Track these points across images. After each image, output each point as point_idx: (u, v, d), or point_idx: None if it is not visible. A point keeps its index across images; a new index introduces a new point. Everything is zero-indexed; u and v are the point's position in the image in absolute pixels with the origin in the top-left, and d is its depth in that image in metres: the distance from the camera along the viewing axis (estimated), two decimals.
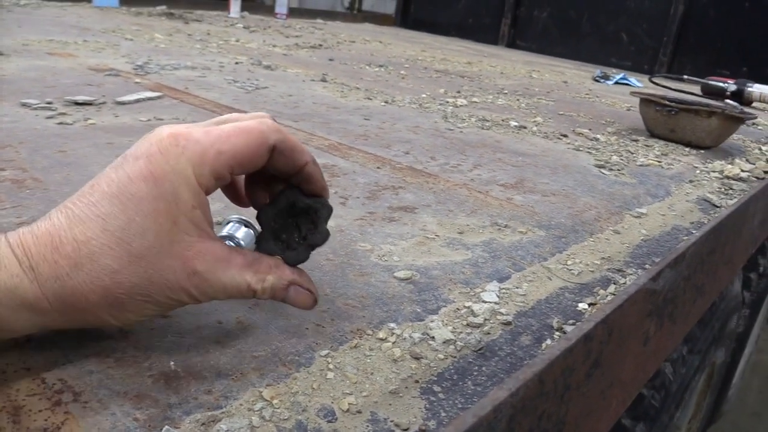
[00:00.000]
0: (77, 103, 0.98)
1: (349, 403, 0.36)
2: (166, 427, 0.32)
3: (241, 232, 0.49)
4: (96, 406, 0.33)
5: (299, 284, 0.40)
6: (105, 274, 0.33)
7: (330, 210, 0.43)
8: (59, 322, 0.35)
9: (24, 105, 0.92)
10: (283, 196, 0.41)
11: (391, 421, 0.35)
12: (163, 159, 0.34)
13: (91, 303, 0.34)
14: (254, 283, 0.37)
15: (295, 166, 0.39)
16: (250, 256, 0.38)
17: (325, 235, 0.42)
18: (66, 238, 0.34)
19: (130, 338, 0.39)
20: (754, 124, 1.74)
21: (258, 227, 0.45)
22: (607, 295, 0.54)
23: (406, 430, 0.35)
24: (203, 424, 0.33)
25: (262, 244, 0.41)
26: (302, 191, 0.41)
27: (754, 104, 2.19)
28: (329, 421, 0.34)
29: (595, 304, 0.52)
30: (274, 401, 0.35)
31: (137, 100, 1.04)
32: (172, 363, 0.37)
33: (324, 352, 0.40)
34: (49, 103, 0.95)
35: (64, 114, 0.91)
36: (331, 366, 0.39)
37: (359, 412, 0.35)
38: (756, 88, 2.16)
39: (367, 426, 0.34)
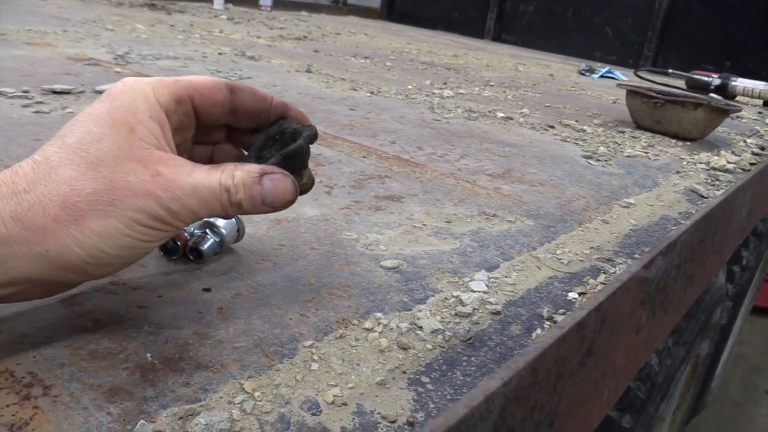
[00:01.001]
0: (55, 92, 0.95)
1: (334, 395, 0.35)
2: (141, 421, 0.30)
3: (222, 220, 0.47)
4: (67, 400, 0.31)
5: (270, 171, 0.37)
6: (63, 182, 0.32)
7: (314, 133, 0.41)
8: (22, 258, 0.32)
9: (0, 94, 0.89)
10: (276, 124, 0.42)
11: (378, 413, 0.34)
12: (123, 85, 0.36)
13: (49, 217, 0.32)
14: (224, 179, 0.35)
15: (263, 102, 0.41)
16: (213, 165, 0.37)
17: (298, 147, 0.40)
18: (25, 163, 0.33)
19: (104, 330, 0.38)
20: (738, 116, 1.75)
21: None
22: (596, 285, 0.53)
23: (393, 422, 0.33)
24: (181, 417, 0.31)
25: (243, 159, 0.41)
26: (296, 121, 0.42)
27: (737, 98, 2.20)
28: (313, 414, 0.33)
29: (585, 293, 0.51)
30: (256, 393, 0.34)
31: None
32: (148, 355, 0.36)
33: (308, 343, 0.39)
34: (25, 91, 0.92)
35: (41, 103, 0.88)
36: (315, 357, 0.38)
37: (345, 404, 0.34)
38: (739, 82, 2.17)
39: (353, 418, 0.33)
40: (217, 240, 0.47)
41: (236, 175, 0.36)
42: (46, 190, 0.32)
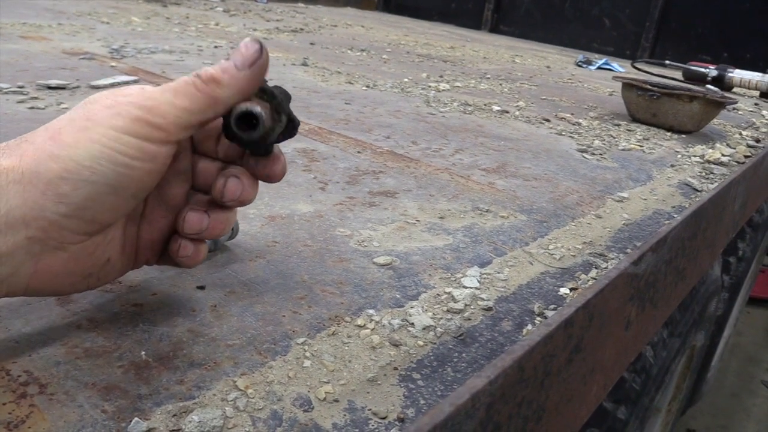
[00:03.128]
0: (50, 87, 0.95)
1: (326, 392, 0.35)
2: (136, 418, 0.31)
3: None
4: (63, 398, 0.32)
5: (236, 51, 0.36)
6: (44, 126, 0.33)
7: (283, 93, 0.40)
8: (19, 197, 0.31)
9: None
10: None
11: (369, 410, 0.34)
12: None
13: (28, 142, 0.32)
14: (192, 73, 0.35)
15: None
16: None
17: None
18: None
19: (99, 328, 0.38)
20: (734, 108, 1.75)
21: None
22: (588, 280, 0.54)
23: (384, 418, 0.34)
24: (174, 415, 0.32)
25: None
26: None
27: (734, 89, 2.20)
28: (305, 411, 0.34)
29: (577, 288, 0.52)
30: (249, 391, 0.34)
31: (112, 84, 1.01)
32: (143, 353, 0.36)
33: (301, 340, 0.40)
34: (20, 87, 0.92)
35: (36, 98, 0.88)
36: (307, 354, 0.38)
37: (336, 400, 0.35)
38: (736, 74, 2.17)
39: (344, 415, 0.34)
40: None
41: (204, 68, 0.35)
42: (29, 135, 0.33)
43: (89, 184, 0.32)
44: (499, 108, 1.28)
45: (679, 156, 1.07)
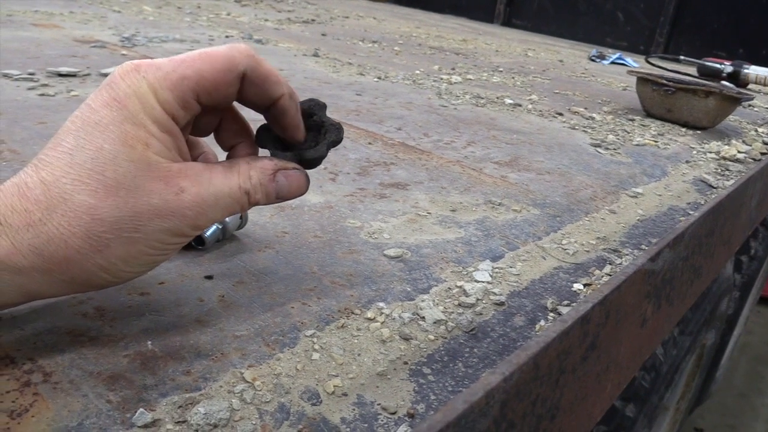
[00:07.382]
0: (60, 75, 0.95)
1: (334, 386, 0.34)
2: (141, 409, 0.30)
3: None
4: (67, 387, 0.31)
5: (284, 167, 0.38)
6: (82, 212, 0.30)
7: (339, 137, 0.40)
8: (44, 285, 0.32)
9: (5, 76, 0.89)
10: (306, 102, 0.40)
11: (378, 404, 0.33)
12: (125, 84, 0.32)
13: (72, 249, 0.31)
14: (243, 183, 0.35)
15: (268, 98, 0.36)
16: (225, 163, 0.36)
17: (319, 155, 0.39)
18: (33, 183, 0.31)
19: (105, 317, 0.37)
20: (750, 105, 1.72)
21: None
22: (602, 276, 0.52)
23: (393, 413, 0.33)
24: (180, 406, 0.31)
25: (261, 134, 0.39)
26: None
27: (749, 86, 2.17)
28: (313, 404, 0.33)
29: (591, 284, 0.51)
30: (256, 383, 0.34)
31: None
32: (149, 342, 0.36)
33: (309, 332, 0.39)
34: (31, 74, 0.92)
35: (46, 85, 0.88)
36: (316, 346, 0.38)
37: (345, 394, 0.34)
38: (752, 70, 2.14)
39: (353, 409, 0.33)
40: (220, 227, 0.47)
41: (252, 175, 0.36)
42: (64, 220, 0.30)
43: (134, 277, 0.35)
44: (511, 101, 1.26)
45: (694, 152, 1.06)
